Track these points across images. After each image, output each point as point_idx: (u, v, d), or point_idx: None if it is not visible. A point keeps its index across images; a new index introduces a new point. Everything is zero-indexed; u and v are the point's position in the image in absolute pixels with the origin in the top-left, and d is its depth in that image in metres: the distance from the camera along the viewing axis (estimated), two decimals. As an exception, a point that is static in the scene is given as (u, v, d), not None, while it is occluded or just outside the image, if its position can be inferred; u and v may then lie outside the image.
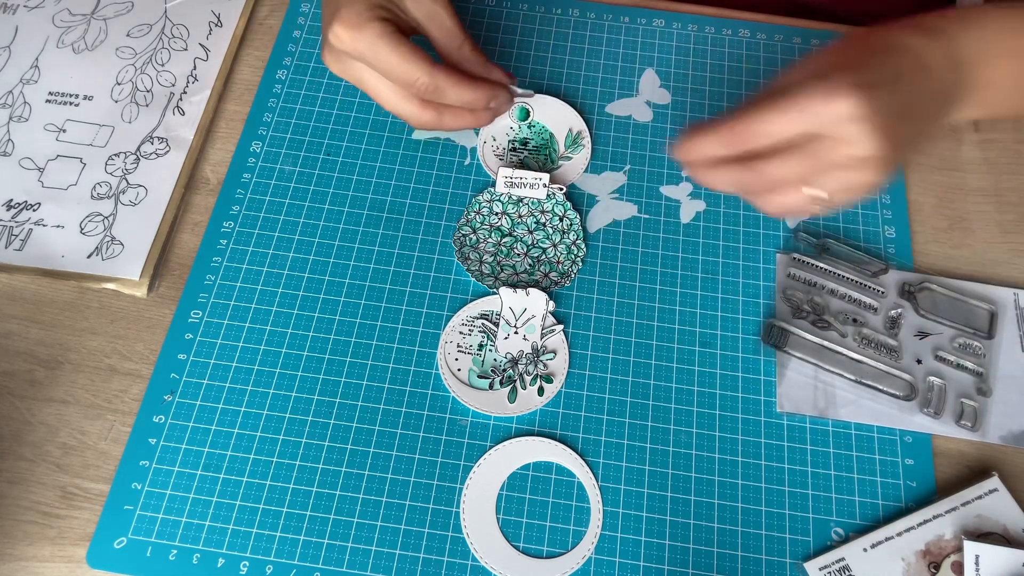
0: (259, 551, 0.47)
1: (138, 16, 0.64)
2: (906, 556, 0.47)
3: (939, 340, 0.53)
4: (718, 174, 0.46)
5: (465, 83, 0.51)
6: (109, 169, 0.58)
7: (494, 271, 0.55)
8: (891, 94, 0.44)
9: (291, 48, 0.63)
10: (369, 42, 0.49)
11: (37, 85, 0.61)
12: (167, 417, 0.50)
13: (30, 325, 0.53)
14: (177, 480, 0.49)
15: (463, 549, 0.47)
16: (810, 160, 0.43)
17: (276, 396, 0.51)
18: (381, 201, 0.58)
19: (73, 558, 0.47)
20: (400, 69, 0.49)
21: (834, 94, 0.42)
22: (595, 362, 0.53)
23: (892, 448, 0.50)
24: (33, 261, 0.54)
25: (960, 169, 0.60)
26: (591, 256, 0.56)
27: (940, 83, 0.47)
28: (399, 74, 0.50)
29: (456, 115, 0.53)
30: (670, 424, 0.51)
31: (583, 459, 0.50)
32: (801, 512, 0.49)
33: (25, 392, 0.51)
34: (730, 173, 0.46)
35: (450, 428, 0.51)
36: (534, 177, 0.57)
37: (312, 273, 0.55)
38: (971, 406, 0.51)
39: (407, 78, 0.50)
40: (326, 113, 0.61)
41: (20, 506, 0.48)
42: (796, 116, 0.43)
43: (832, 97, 0.42)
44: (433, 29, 0.53)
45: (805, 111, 0.42)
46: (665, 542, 0.48)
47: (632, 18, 0.65)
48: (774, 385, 0.52)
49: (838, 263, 0.55)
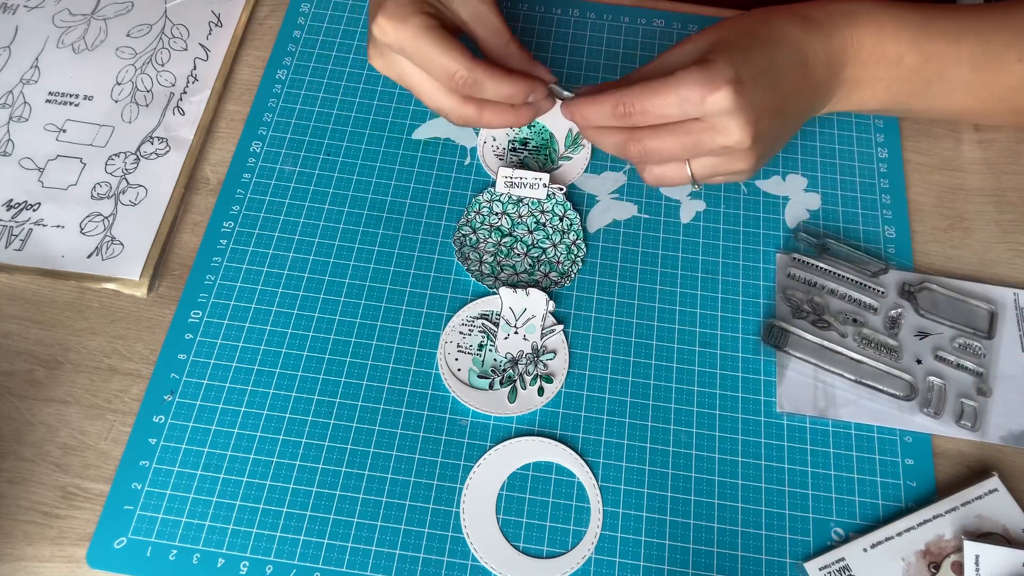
0: (259, 551, 0.47)
1: (138, 16, 0.64)
2: (906, 556, 0.47)
3: (939, 340, 0.53)
4: (603, 137, 0.51)
5: (503, 77, 0.50)
6: (109, 169, 0.58)
7: (494, 271, 0.55)
8: (766, 91, 0.47)
9: (291, 48, 0.64)
10: (411, 35, 0.49)
11: (37, 85, 0.61)
12: (167, 417, 0.50)
13: (30, 325, 0.53)
14: (177, 480, 0.49)
15: (463, 549, 0.47)
16: (686, 139, 0.48)
17: (276, 396, 0.51)
18: (381, 201, 0.58)
19: (73, 558, 0.47)
20: (440, 62, 0.49)
21: (712, 86, 0.45)
22: (595, 362, 0.53)
23: (892, 448, 0.50)
24: (33, 261, 0.54)
25: (960, 169, 0.60)
26: (591, 256, 0.56)
27: (814, 79, 0.51)
28: (439, 67, 0.49)
29: (496, 111, 0.52)
30: (670, 424, 0.51)
31: (583, 459, 0.50)
32: (801, 512, 0.49)
33: (25, 392, 0.51)
34: (614, 138, 0.50)
35: (450, 428, 0.51)
36: (534, 177, 0.57)
37: (312, 273, 0.55)
38: (971, 406, 0.51)
39: (447, 71, 0.49)
40: (326, 113, 0.61)
41: (20, 506, 0.48)
42: (676, 102, 0.46)
43: (711, 90, 0.45)
44: (479, 28, 0.53)
45: (685, 100, 0.46)
46: (665, 542, 0.48)
47: (632, 18, 0.65)
48: (774, 385, 0.52)
49: (838, 263, 0.55)
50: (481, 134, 0.60)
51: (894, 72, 0.52)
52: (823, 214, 0.58)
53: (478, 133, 0.60)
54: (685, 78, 0.46)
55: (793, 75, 0.49)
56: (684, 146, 0.48)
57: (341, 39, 0.64)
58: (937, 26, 0.52)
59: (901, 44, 0.51)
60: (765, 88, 0.47)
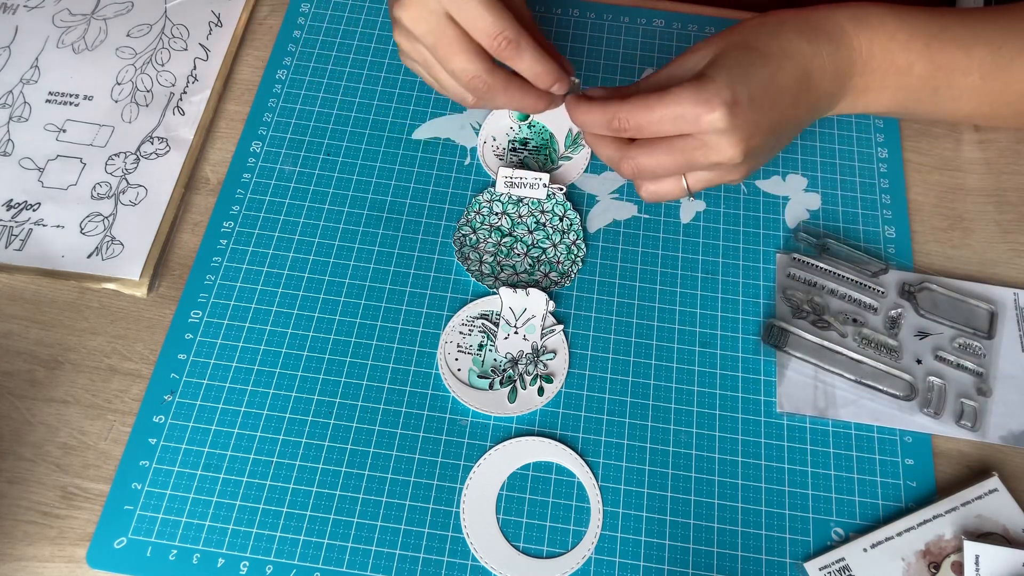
0: (259, 551, 0.47)
1: (138, 16, 0.64)
2: (906, 556, 0.47)
3: (939, 340, 0.53)
4: (600, 146, 0.51)
5: (543, 50, 0.49)
6: (109, 169, 0.58)
7: (494, 271, 0.55)
8: (762, 111, 0.47)
9: (291, 48, 0.64)
10: None
11: (37, 85, 0.61)
12: (167, 417, 0.50)
13: (30, 325, 0.53)
14: (177, 480, 0.49)
15: (463, 549, 0.47)
16: (679, 157, 0.48)
17: (276, 396, 0.51)
18: (381, 201, 0.58)
19: (73, 558, 0.47)
20: (487, 19, 0.46)
21: (708, 107, 0.45)
22: (595, 362, 0.53)
23: (892, 448, 0.50)
24: (33, 261, 0.54)
25: (960, 169, 0.60)
26: (591, 256, 0.56)
27: (818, 91, 0.50)
28: (485, 24, 0.47)
29: (519, 90, 0.50)
30: (670, 424, 0.51)
31: (583, 459, 0.50)
32: (801, 512, 0.49)
33: (25, 392, 0.51)
34: (609, 151, 0.50)
35: (450, 428, 0.51)
36: (534, 177, 0.57)
37: (312, 273, 0.55)
38: (971, 406, 0.51)
39: (491, 29, 0.47)
40: (326, 113, 0.61)
41: (20, 506, 0.48)
42: (671, 119, 0.46)
43: (706, 110, 0.45)
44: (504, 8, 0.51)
45: (679, 118, 0.46)
46: (665, 542, 0.48)
47: (632, 18, 0.65)
48: (774, 385, 0.52)
49: (838, 263, 0.55)
50: (481, 134, 0.60)
51: (903, 80, 0.52)
52: (823, 214, 0.58)
53: (478, 133, 0.60)
54: (681, 96, 0.46)
55: (794, 91, 0.49)
56: (677, 163, 0.48)
57: (341, 39, 0.64)
58: (949, 34, 0.51)
59: (912, 53, 0.51)
60: (761, 107, 0.47)
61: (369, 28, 0.64)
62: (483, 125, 0.60)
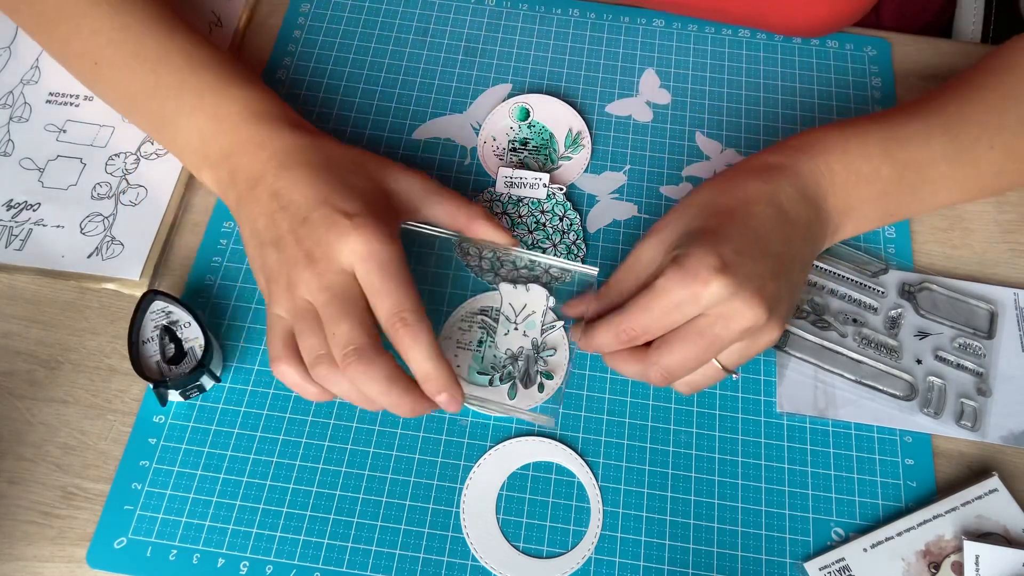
0: (259, 551, 0.47)
1: (138, 16, 0.64)
2: (906, 556, 0.47)
3: (939, 340, 0.53)
4: (622, 365, 0.48)
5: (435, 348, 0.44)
6: (109, 169, 0.58)
7: (494, 267, 0.55)
8: (756, 259, 0.45)
9: (291, 48, 0.64)
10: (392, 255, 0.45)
11: (38, 85, 0.61)
12: (167, 417, 0.50)
13: (30, 325, 0.53)
14: (177, 480, 0.49)
15: (463, 549, 0.47)
16: (701, 341, 0.44)
17: (276, 396, 0.51)
18: (381, 201, 0.58)
19: (73, 558, 0.47)
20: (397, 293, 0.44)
21: (701, 282, 0.43)
22: (595, 360, 0.53)
23: (892, 448, 0.50)
24: (33, 261, 0.54)
25: (960, 169, 0.60)
26: (591, 256, 0.56)
27: (800, 221, 0.48)
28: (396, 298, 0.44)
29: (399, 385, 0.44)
30: (670, 424, 0.51)
31: (583, 459, 0.50)
32: (801, 512, 0.49)
33: (25, 392, 0.51)
34: (633, 367, 0.47)
35: (450, 428, 0.51)
36: (534, 177, 0.57)
37: (312, 273, 0.55)
38: (971, 406, 0.51)
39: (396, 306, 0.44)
40: (326, 113, 0.61)
41: (20, 506, 0.48)
42: (673, 308, 0.44)
43: (700, 285, 0.43)
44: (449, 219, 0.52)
45: (680, 305, 0.44)
46: (665, 542, 0.48)
47: (632, 18, 0.65)
48: (774, 385, 0.52)
49: (838, 263, 0.55)
50: (481, 134, 0.60)
51: (876, 188, 0.50)
52: (823, 214, 0.58)
53: (478, 133, 0.60)
54: (669, 286, 0.44)
55: (777, 229, 0.47)
56: (700, 349, 0.45)
57: (341, 39, 0.64)
58: (902, 132, 0.50)
59: (873, 159, 0.49)
60: (753, 257, 0.44)
61: (369, 28, 0.64)
62: (483, 125, 0.60)
